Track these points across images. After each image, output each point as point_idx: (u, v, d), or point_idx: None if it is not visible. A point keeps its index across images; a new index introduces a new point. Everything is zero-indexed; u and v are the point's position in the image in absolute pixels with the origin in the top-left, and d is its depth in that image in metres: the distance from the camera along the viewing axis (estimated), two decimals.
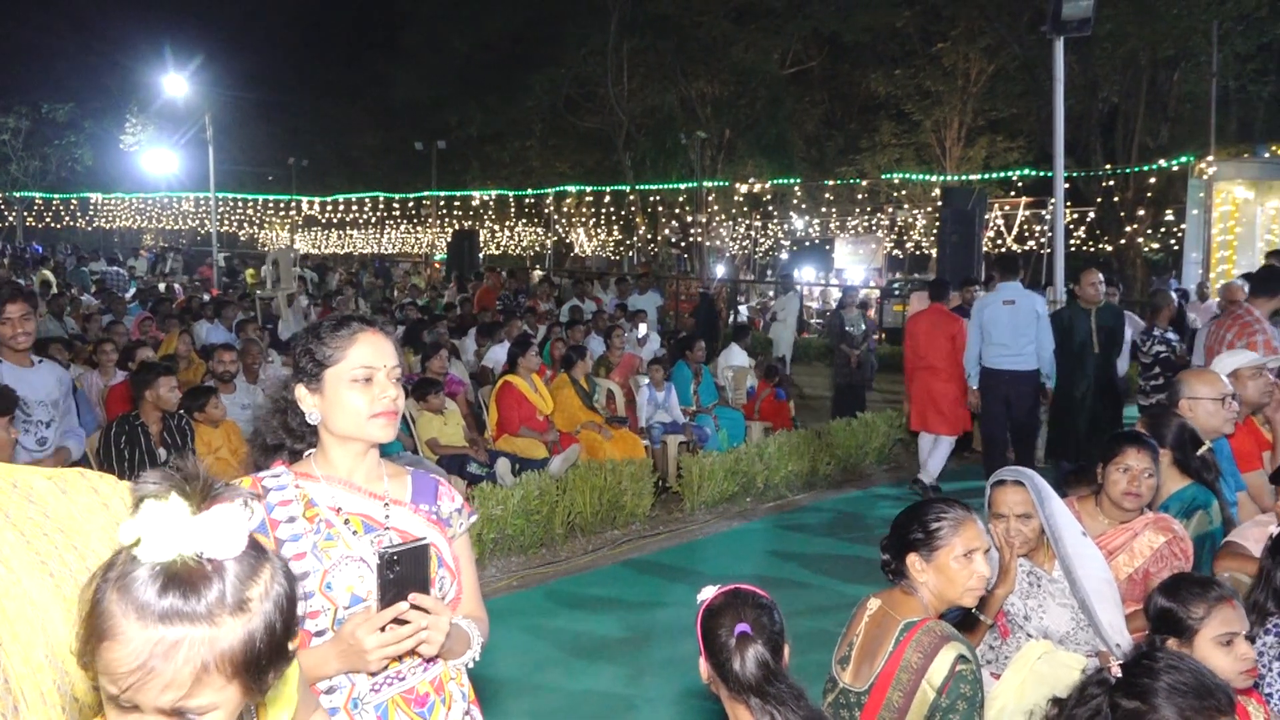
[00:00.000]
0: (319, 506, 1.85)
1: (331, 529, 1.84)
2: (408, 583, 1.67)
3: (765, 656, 1.88)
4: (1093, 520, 3.14)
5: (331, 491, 1.88)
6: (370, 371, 1.86)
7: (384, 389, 1.87)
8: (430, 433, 7.06)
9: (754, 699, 1.87)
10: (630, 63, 23.92)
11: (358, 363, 1.86)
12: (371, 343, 1.88)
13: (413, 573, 1.69)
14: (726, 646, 1.89)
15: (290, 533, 1.80)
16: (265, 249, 37.81)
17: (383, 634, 1.67)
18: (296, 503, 1.84)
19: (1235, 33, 17.36)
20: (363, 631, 1.66)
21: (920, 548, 2.33)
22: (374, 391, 1.86)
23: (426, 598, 1.70)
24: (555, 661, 4.81)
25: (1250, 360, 4.28)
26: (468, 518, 2.05)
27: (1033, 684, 2.56)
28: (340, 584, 1.79)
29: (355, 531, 1.85)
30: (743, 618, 1.91)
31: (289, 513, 1.83)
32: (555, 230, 30.22)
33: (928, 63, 21.76)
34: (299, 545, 1.80)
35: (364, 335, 1.89)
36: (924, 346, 8.16)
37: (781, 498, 7.83)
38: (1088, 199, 20.28)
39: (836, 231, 25.75)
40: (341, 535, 1.83)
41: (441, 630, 1.72)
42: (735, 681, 1.88)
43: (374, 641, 1.66)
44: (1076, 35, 9.06)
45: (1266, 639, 2.56)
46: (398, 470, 2.01)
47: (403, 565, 1.67)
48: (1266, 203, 14.78)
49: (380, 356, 1.88)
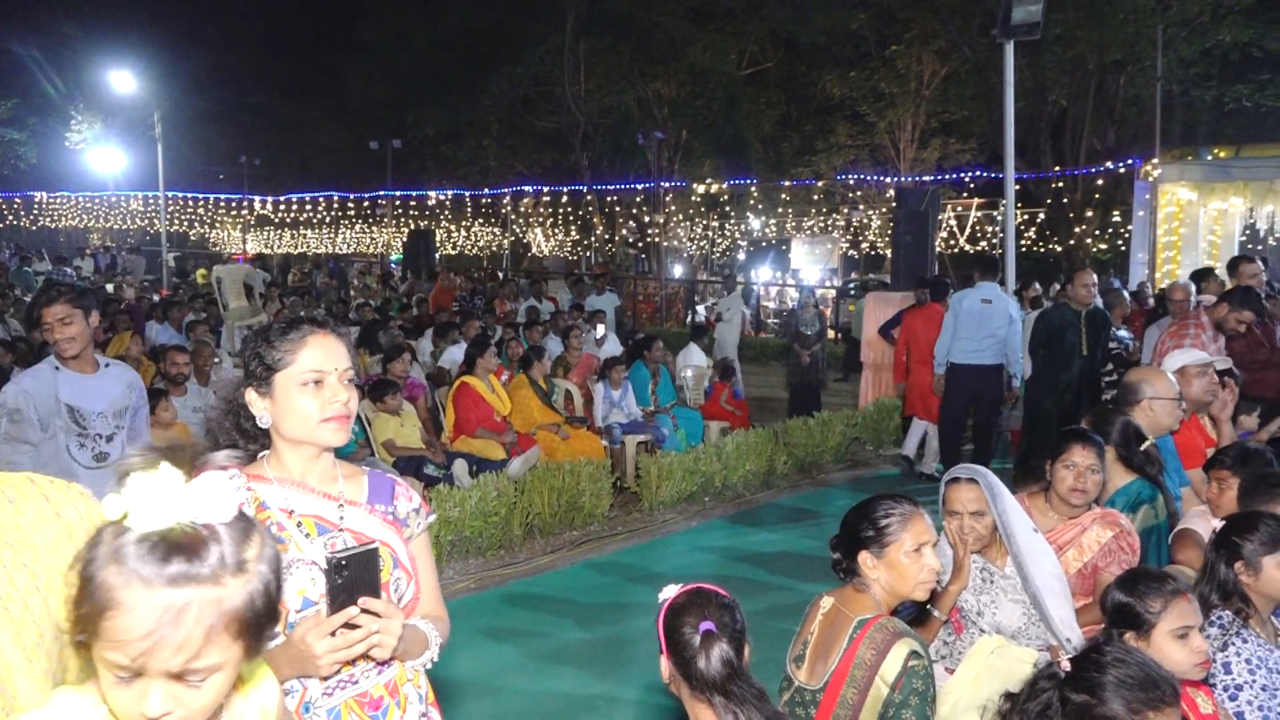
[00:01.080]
0: (270, 509, 1.83)
1: (283, 531, 1.81)
2: (357, 587, 1.65)
3: (730, 655, 1.88)
4: (1043, 516, 3.20)
5: (284, 493, 1.86)
6: (320, 375, 1.83)
7: (335, 392, 1.84)
8: (386, 434, 6.99)
9: (718, 697, 1.87)
10: (587, 62, 23.88)
11: (307, 366, 1.83)
12: (322, 345, 1.86)
13: (362, 576, 1.66)
14: (691, 645, 1.89)
15: None
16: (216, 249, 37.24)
17: (333, 639, 1.65)
18: (247, 505, 1.81)
19: (1179, 38, 17.76)
20: (312, 636, 1.64)
21: (871, 545, 2.35)
22: (325, 395, 1.83)
23: (377, 602, 1.68)
24: (515, 663, 4.79)
25: (1197, 359, 4.39)
26: (425, 518, 2.02)
27: (986, 678, 2.60)
28: (291, 588, 1.76)
29: (308, 534, 1.83)
30: (707, 616, 1.90)
31: None
32: (512, 230, 30.09)
33: (882, 65, 22.01)
34: None
35: (314, 338, 1.86)
36: (923, 341, 8.45)
37: (739, 497, 7.86)
38: (1038, 200, 20.64)
39: (793, 232, 25.92)
40: (293, 538, 1.81)
41: (393, 634, 1.70)
42: (699, 680, 1.88)
43: (324, 646, 1.64)
44: (1026, 39, 9.22)
45: (1210, 630, 2.63)
46: (354, 471, 1.98)
47: (351, 569, 1.65)
48: (1209, 204, 15.14)
49: (331, 359, 1.86)
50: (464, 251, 32.22)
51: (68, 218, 35.63)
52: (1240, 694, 2.54)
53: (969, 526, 2.88)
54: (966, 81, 21.07)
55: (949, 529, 2.91)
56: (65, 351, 3.68)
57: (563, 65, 23.46)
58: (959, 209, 21.95)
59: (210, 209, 35.64)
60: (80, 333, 3.69)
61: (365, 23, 28.85)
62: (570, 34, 22.97)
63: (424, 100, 26.59)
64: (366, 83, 29.04)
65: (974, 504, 2.89)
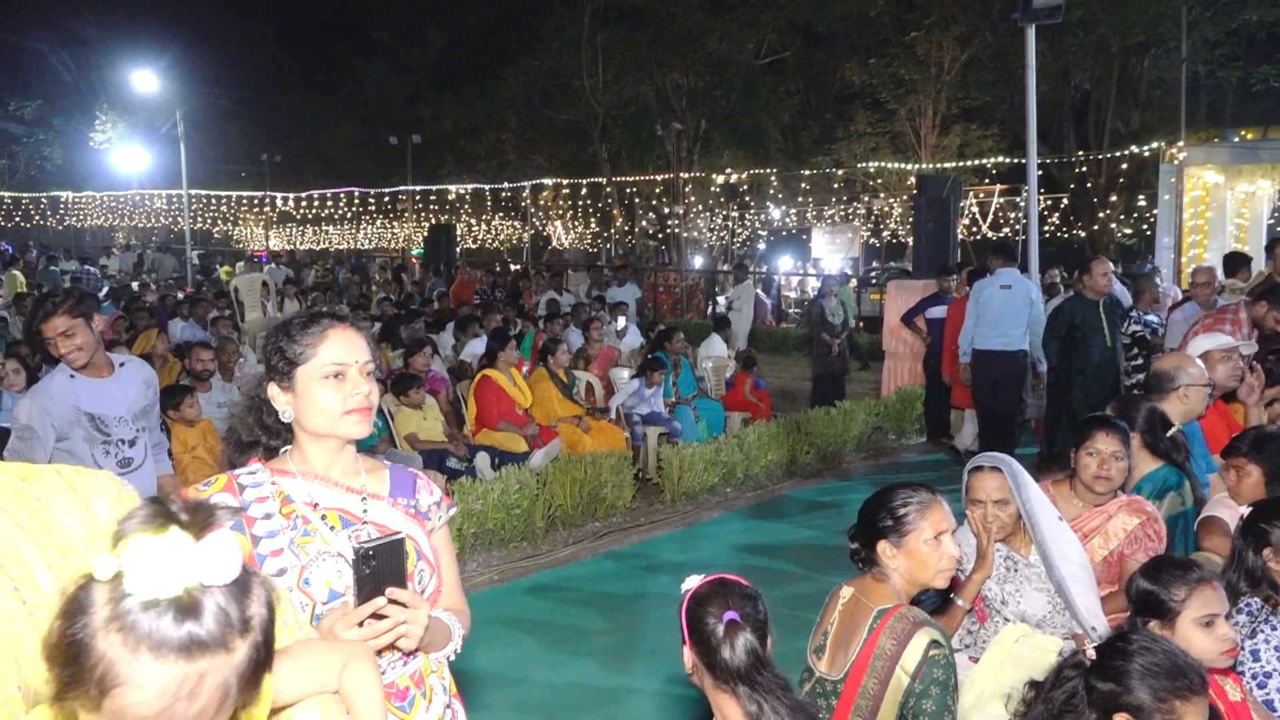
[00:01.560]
0: (295, 503, 1.85)
1: (308, 525, 1.83)
2: (384, 577, 1.66)
3: (755, 644, 1.88)
4: (1067, 504, 3.18)
5: (308, 487, 1.87)
6: (341, 368, 1.85)
7: (356, 385, 1.85)
8: (409, 427, 7.03)
9: (742, 687, 1.86)
10: (605, 54, 23.83)
11: (328, 359, 1.84)
12: (342, 339, 1.87)
13: (389, 567, 1.67)
14: (715, 634, 1.88)
15: (267, 529, 1.80)
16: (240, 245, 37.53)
17: (361, 629, 1.66)
18: (273, 499, 1.84)
19: (1204, 19, 17.53)
20: (340, 627, 1.65)
21: (889, 534, 2.34)
22: (346, 388, 1.85)
23: (404, 592, 1.69)
24: (538, 654, 4.81)
25: (1222, 343, 4.33)
26: (447, 510, 2.04)
27: (1010, 667, 2.59)
28: (318, 579, 1.78)
29: (333, 527, 1.85)
30: (730, 606, 1.90)
31: (265, 509, 1.82)
32: (532, 223, 30.14)
33: (902, 51, 21.85)
34: (276, 542, 1.79)
35: (334, 332, 1.87)
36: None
37: (761, 487, 7.85)
38: (1061, 185, 20.44)
39: (813, 221, 25.81)
40: (318, 531, 1.83)
41: (420, 624, 1.71)
42: (723, 670, 1.87)
43: (353, 636, 1.65)
44: (1048, 23, 9.11)
45: (1238, 618, 2.60)
46: (375, 465, 2.00)
47: (378, 560, 1.66)
48: (1236, 187, 14.92)
49: (351, 352, 1.87)
50: (485, 245, 32.33)
51: (93, 217, 36.07)
52: (1270, 681, 2.52)
53: (993, 515, 2.86)
54: (988, 67, 20.88)
55: (972, 517, 2.89)
56: (74, 362, 3.54)
57: (580, 58, 23.43)
58: (981, 195, 21.77)
59: (233, 206, 35.97)
60: (85, 342, 3.53)
61: (379, 18, 28.93)
62: (587, 26, 22.94)
63: (439, 95, 26.64)
64: (383, 79, 29.13)
65: (997, 492, 2.87)
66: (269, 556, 1.78)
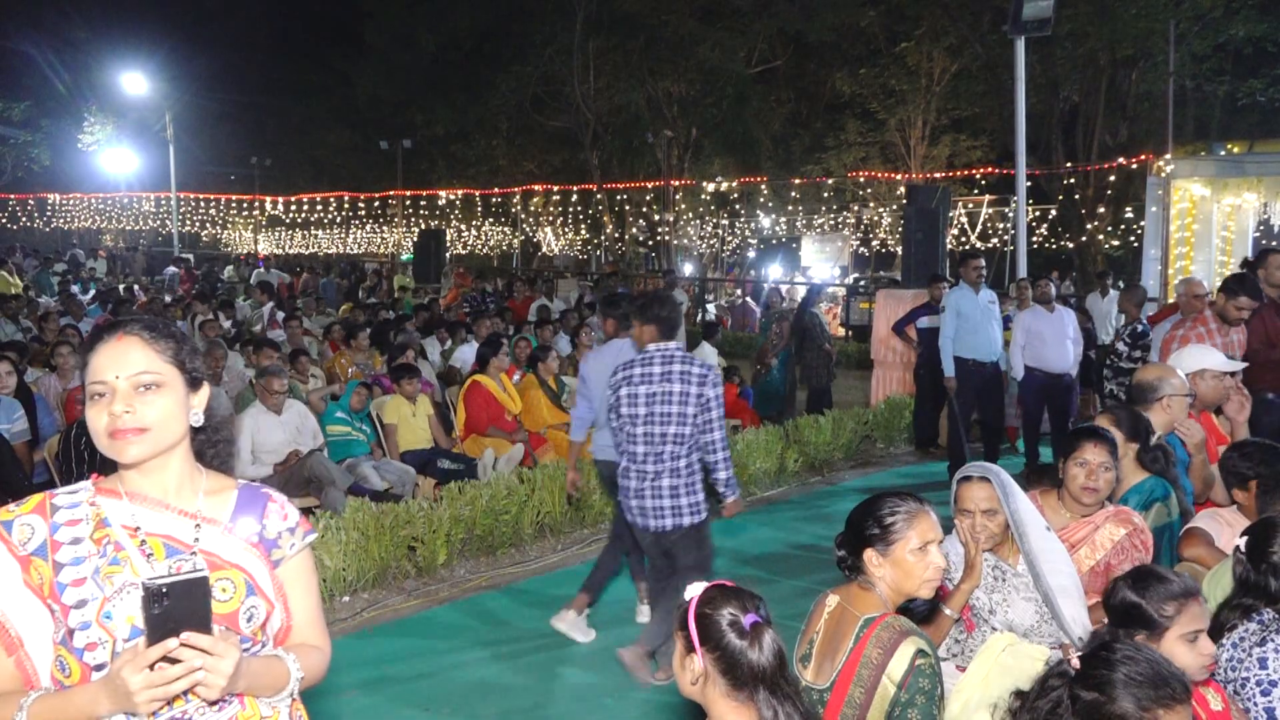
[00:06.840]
0: (111, 527, 1.67)
1: (120, 552, 1.65)
2: (181, 618, 1.50)
3: (781, 645, 1.85)
4: (1055, 514, 3.19)
5: (132, 510, 1.70)
6: (102, 387, 1.65)
7: (124, 402, 1.64)
8: (394, 418, 7.08)
9: (762, 691, 1.83)
10: (596, 61, 23.88)
11: (90, 379, 1.67)
12: (110, 352, 1.67)
13: (186, 607, 1.51)
14: (738, 637, 1.84)
15: (72, 555, 1.64)
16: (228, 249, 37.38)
17: (150, 673, 1.49)
18: (86, 522, 1.67)
19: (1192, 33, 17.64)
20: (128, 670, 1.48)
21: (876, 543, 2.34)
22: (111, 408, 1.64)
23: (203, 637, 1.52)
24: (525, 661, 4.80)
25: (1219, 363, 4.37)
26: (304, 537, 1.84)
27: (997, 676, 2.59)
28: (120, 614, 1.61)
29: (153, 554, 1.67)
30: (748, 609, 1.88)
31: (74, 533, 1.66)
32: (523, 229, 30.12)
33: (892, 62, 21.93)
34: (79, 570, 1.63)
35: (104, 344, 1.69)
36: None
37: (750, 495, 7.85)
38: (1049, 197, 20.53)
39: (803, 230, 25.88)
40: (130, 559, 1.65)
41: (221, 672, 1.54)
42: (749, 672, 1.83)
43: (139, 681, 1.48)
44: (1037, 35, 9.19)
45: (1249, 625, 2.62)
46: (223, 485, 1.81)
47: (172, 599, 1.49)
48: (1222, 200, 15.02)
49: (114, 366, 1.66)
50: (475, 251, 32.30)
51: (81, 219, 35.88)
52: (1274, 689, 2.53)
53: (981, 525, 2.87)
54: (977, 78, 20.97)
55: (960, 527, 2.90)
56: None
57: (571, 64, 23.46)
58: (970, 206, 21.86)
59: (222, 209, 35.83)
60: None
61: (372, 23, 28.91)
62: (579, 33, 22.98)
63: (431, 100, 26.64)
64: (375, 83, 29.12)
65: (986, 502, 2.88)
66: (70, 586, 1.61)
